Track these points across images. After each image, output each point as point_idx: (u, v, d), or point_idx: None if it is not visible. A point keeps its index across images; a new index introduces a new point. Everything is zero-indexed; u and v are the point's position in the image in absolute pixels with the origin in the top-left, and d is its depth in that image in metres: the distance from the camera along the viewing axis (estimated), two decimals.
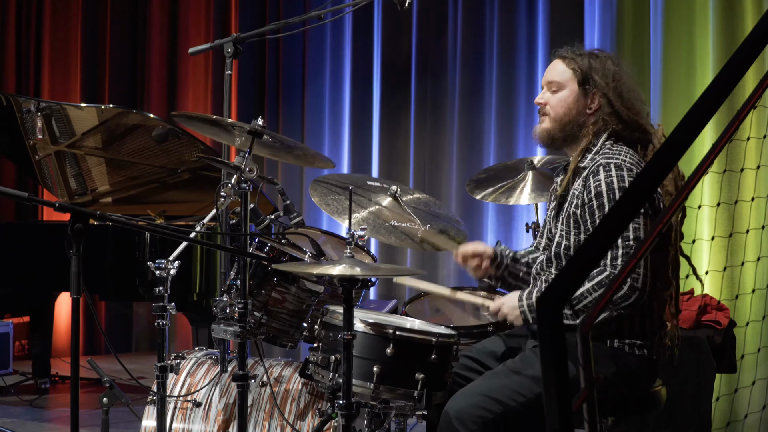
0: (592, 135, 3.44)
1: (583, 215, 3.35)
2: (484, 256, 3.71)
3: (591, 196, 3.31)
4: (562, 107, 3.49)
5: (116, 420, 5.91)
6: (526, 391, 3.25)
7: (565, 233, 3.44)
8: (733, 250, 5.02)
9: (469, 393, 3.28)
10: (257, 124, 3.68)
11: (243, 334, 3.65)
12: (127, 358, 8.38)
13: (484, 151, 6.96)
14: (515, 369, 3.35)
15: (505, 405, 3.23)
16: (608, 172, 3.29)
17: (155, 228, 3.72)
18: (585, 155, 3.43)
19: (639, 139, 3.43)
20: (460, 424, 3.19)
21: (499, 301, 3.51)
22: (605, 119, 3.43)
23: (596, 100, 3.44)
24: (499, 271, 3.72)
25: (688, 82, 5.37)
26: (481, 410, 3.20)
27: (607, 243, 1.89)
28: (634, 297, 3.20)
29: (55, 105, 6.38)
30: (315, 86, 8.23)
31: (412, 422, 3.50)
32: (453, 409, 3.23)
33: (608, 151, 3.38)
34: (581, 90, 3.47)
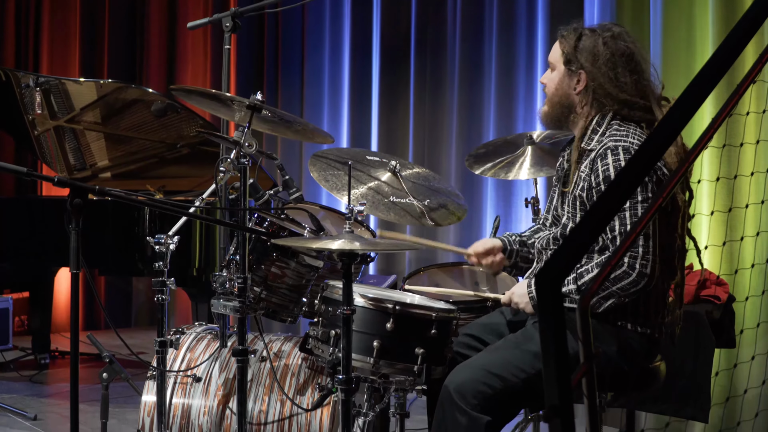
0: (592, 116, 3.43)
1: (590, 198, 3.34)
2: (495, 251, 3.71)
3: (599, 180, 3.29)
4: (552, 86, 3.52)
5: (116, 395, 5.94)
6: (528, 366, 3.25)
7: (571, 215, 3.44)
8: (733, 225, 5.01)
9: (471, 367, 3.28)
10: (256, 98, 3.67)
11: (242, 309, 3.65)
12: (126, 333, 8.40)
13: (483, 125, 6.94)
14: (517, 344, 3.36)
15: (506, 381, 3.23)
16: (616, 156, 3.27)
17: (155, 203, 3.72)
18: (591, 136, 3.41)
19: (642, 118, 3.40)
20: (461, 398, 3.19)
21: (509, 293, 3.52)
22: (600, 101, 3.41)
23: (582, 81, 3.43)
24: (511, 260, 3.74)
25: (688, 56, 5.35)
26: (482, 385, 3.21)
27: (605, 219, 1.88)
28: (642, 283, 3.19)
29: (53, 80, 6.37)
30: (314, 61, 8.21)
31: (412, 397, 3.51)
32: (454, 383, 3.24)
33: (616, 132, 3.36)
34: (567, 70, 3.47)
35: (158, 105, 6.16)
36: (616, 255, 1.94)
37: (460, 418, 3.19)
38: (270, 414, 3.89)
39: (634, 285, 3.19)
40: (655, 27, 5.52)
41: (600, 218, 1.86)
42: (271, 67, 8.55)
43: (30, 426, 5.41)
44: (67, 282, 7.90)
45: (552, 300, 1.79)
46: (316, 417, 3.85)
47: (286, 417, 3.87)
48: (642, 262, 3.17)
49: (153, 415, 3.93)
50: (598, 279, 1.92)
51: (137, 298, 9.33)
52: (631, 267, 3.18)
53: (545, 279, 1.80)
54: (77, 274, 3.02)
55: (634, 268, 3.18)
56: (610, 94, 3.38)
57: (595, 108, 3.42)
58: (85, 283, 8.10)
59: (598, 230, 1.87)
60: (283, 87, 8.44)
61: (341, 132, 7.97)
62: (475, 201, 6.87)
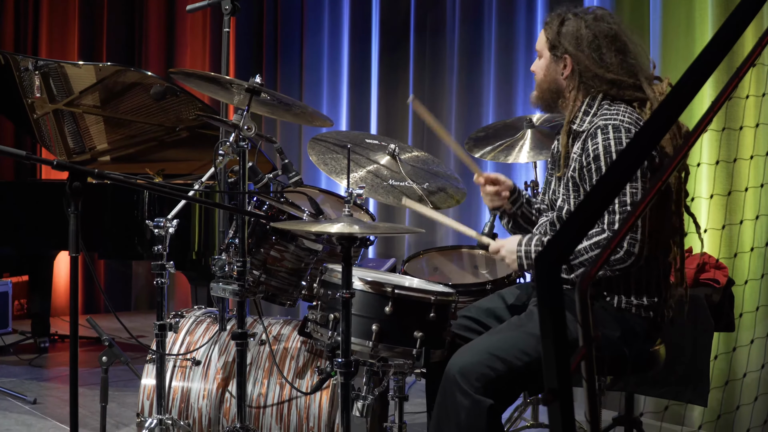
0: (582, 98, 3.44)
1: (582, 178, 3.35)
2: (504, 185, 3.72)
3: (589, 159, 3.30)
4: (540, 74, 3.56)
5: (115, 378, 5.95)
6: (532, 350, 3.25)
7: (566, 197, 3.45)
8: (732, 209, 5.01)
9: (474, 350, 3.28)
10: (255, 81, 3.66)
11: (242, 292, 3.66)
12: (126, 316, 8.41)
13: (482, 109, 6.93)
14: (520, 327, 3.36)
15: (510, 364, 3.23)
16: (606, 134, 3.28)
17: (154, 186, 3.72)
18: (583, 118, 3.42)
19: (632, 97, 3.40)
20: (464, 380, 3.19)
21: (499, 242, 3.52)
22: (587, 83, 3.42)
23: (568, 65, 3.45)
24: (513, 208, 3.74)
25: (688, 39, 5.34)
26: (486, 368, 3.21)
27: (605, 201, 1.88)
28: (630, 261, 3.22)
29: (52, 63, 6.36)
30: (313, 43, 8.19)
31: (411, 380, 3.52)
32: (457, 365, 3.24)
33: (606, 111, 3.37)
34: (552, 56, 3.50)
35: (157, 88, 6.15)
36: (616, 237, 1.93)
37: (463, 400, 3.19)
38: (269, 397, 3.89)
39: (621, 262, 3.22)
40: (654, 10, 5.51)
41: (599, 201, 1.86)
42: (270, 50, 8.54)
43: (29, 409, 5.42)
44: (67, 266, 7.91)
45: (551, 284, 1.79)
46: (315, 400, 3.85)
47: (286, 400, 3.88)
48: (630, 241, 3.19)
49: (152, 399, 3.94)
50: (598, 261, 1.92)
51: (137, 281, 9.34)
52: (619, 245, 3.19)
53: (544, 262, 1.80)
54: (76, 258, 3.02)
55: (622, 246, 3.20)
56: (597, 75, 3.40)
57: (583, 91, 3.44)
58: (85, 267, 8.11)
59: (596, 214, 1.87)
60: (282, 70, 8.43)
61: (340, 115, 7.97)
62: (474, 184, 6.81)
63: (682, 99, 1.95)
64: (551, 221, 3.53)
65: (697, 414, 5.18)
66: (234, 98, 3.91)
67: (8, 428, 5.04)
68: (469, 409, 3.19)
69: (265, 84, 3.73)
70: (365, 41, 7.81)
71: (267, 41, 8.55)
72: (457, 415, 3.21)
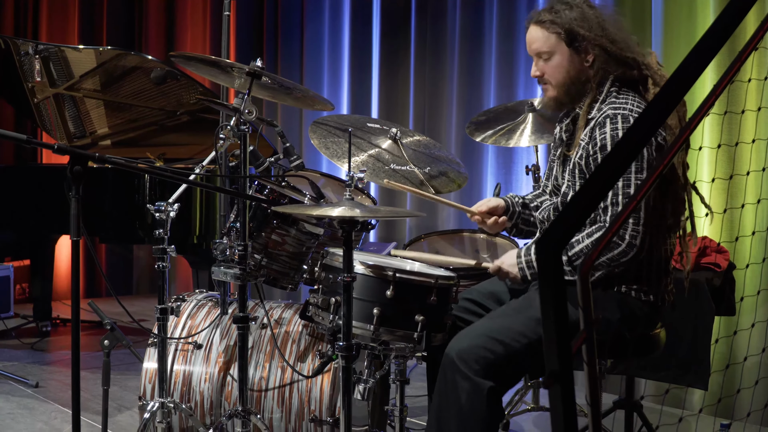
0: (596, 86, 3.41)
1: (587, 166, 3.33)
2: (498, 212, 3.71)
3: (596, 148, 3.28)
4: (560, 73, 3.44)
5: (117, 362, 5.97)
6: (530, 332, 3.25)
7: (571, 184, 3.44)
8: (733, 193, 5.01)
9: (473, 333, 3.28)
10: (256, 65, 3.66)
11: (243, 276, 3.66)
12: (127, 300, 8.43)
13: (484, 93, 6.92)
14: (519, 310, 3.36)
15: (509, 346, 3.23)
16: (614, 124, 3.26)
17: (155, 170, 3.71)
18: (592, 105, 3.40)
19: (639, 77, 3.38)
20: (463, 363, 3.20)
21: (498, 261, 3.52)
22: (604, 68, 3.39)
23: (591, 52, 3.39)
24: (512, 221, 3.74)
25: (690, 24, 5.33)
26: (485, 351, 3.21)
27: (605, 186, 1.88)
28: (632, 254, 3.20)
29: (53, 47, 6.35)
30: (314, 27, 8.18)
31: (412, 364, 3.52)
32: (456, 349, 3.24)
33: (614, 99, 3.34)
34: (572, 50, 3.40)
35: (158, 72, 6.15)
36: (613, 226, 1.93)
37: (463, 383, 3.20)
38: (271, 381, 3.90)
39: (623, 255, 3.20)
40: None
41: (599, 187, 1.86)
42: (271, 33, 8.53)
43: (31, 393, 5.43)
44: (68, 249, 7.91)
45: (552, 268, 1.79)
46: (317, 384, 3.86)
47: (287, 384, 3.88)
48: (632, 233, 3.18)
49: (154, 382, 3.95)
50: (598, 247, 1.92)
51: (138, 265, 9.35)
52: (621, 238, 3.19)
53: (545, 247, 1.80)
54: (78, 242, 3.02)
55: (624, 239, 3.19)
56: (615, 57, 3.36)
57: (600, 74, 3.40)
58: (86, 251, 8.11)
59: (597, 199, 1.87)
60: (282, 53, 8.42)
61: (341, 99, 7.96)
62: (475, 168, 6.86)
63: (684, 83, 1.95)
64: (554, 206, 3.52)
65: (698, 397, 5.19)
66: (235, 82, 3.90)
67: (10, 412, 5.06)
68: (469, 391, 3.19)
69: (265, 67, 3.72)
70: (366, 24, 7.79)
71: (267, 25, 8.53)
72: (457, 397, 3.22)
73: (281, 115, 8.37)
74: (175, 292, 6.90)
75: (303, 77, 8.20)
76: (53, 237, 7.02)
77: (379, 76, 7.71)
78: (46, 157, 8.49)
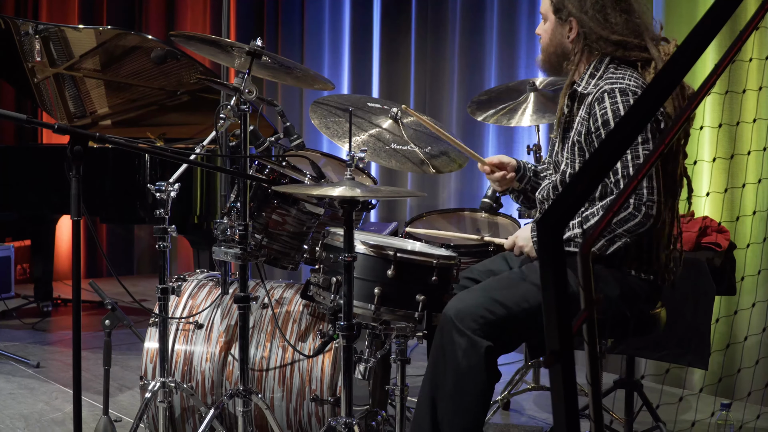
0: (587, 61, 3.41)
1: (588, 143, 3.32)
2: (509, 168, 3.73)
3: (598, 124, 3.27)
4: (545, 37, 3.52)
5: (118, 342, 5.98)
6: (532, 298, 3.24)
7: (570, 161, 3.42)
8: (734, 172, 5.01)
9: (474, 294, 3.27)
10: (256, 44, 3.65)
11: (244, 256, 3.66)
12: (128, 280, 8.44)
13: (485, 72, 6.90)
14: (523, 276, 3.35)
15: (509, 309, 3.22)
16: (613, 98, 3.25)
17: (155, 150, 3.70)
18: (589, 80, 3.39)
19: (638, 57, 3.37)
20: (461, 321, 3.18)
21: (512, 237, 3.51)
22: (592, 45, 3.39)
23: (573, 27, 3.41)
24: (521, 184, 3.75)
25: (691, 2, 5.32)
26: (484, 311, 3.20)
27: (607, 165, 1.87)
28: (649, 224, 3.18)
29: (53, 27, 6.34)
30: (314, 6, 8.16)
31: (413, 343, 3.52)
32: (454, 308, 3.22)
33: (612, 75, 3.33)
34: (557, 19, 3.45)
35: (158, 52, 6.12)
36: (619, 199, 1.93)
37: (459, 339, 3.19)
38: (272, 360, 3.90)
39: (641, 226, 3.18)
40: None
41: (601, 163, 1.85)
42: (272, 12, 8.51)
43: (32, 373, 5.45)
44: (69, 230, 7.92)
45: (553, 246, 1.79)
46: (318, 363, 3.86)
47: (288, 363, 3.89)
48: (648, 203, 3.16)
49: (155, 362, 3.95)
50: (601, 223, 1.91)
51: (139, 245, 9.36)
52: (637, 209, 3.17)
53: (546, 225, 1.79)
54: (78, 222, 3.02)
55: (640, 210, 3.17)
56: (602, 37, 3.36)
57: (587, 53, 3.41)
58: (87, 231, 8.12)
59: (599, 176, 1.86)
60: (283, 32, 8.40)
61: (342, 79, 7.94)
62: (476, 148, 6.85)
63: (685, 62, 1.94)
64: (554, 185, 3.51)
65: (698, 377, 5.20)
66: (235, 61, 3.90)
67: (11, 392, 5.07)
68: (466, 349, 3.18)
69: (266, 47, 3.71)
70: (367, 4, 7.77)
71: (268, 3, 8.51)
72: (453, 354, 3.21)
73: (282, 94, 8.36)
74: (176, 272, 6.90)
75: (303, 56, 8.18)
76: (54, 217, 7.03)
77: (380, 56, 7.69)
78: (46, 137, 8.49)
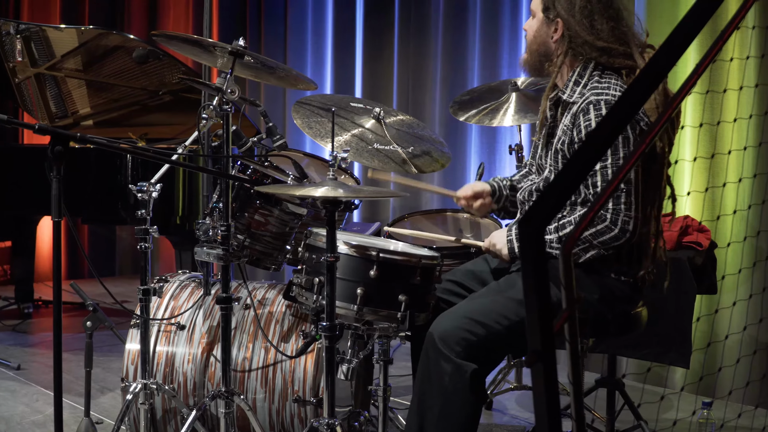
0: (570, 65, 3.41)
1: (571, 153, 3.32)
2: (484, 195, 3.73)
3: (581, 135, 3.26)
4: (531, 34, 3.52)
5: (100, 343, 5.96)
6: (512, 314, 3.25)
7: (553, 168, 3.43)
8: (715, 172, 5.02)
9: (454, 315, 3.28)
10: (238, 44, 3.64)
11: (226, 256, 3.65)
12: (110, 281, 8.42)
13: (467, 72, 6.91)
14: (500, 291, 3.36)
15: (490, 328, 3.23)
16: (598, 110, 3.24)
17: (137, 150, 3.70)
18: (574, 88, 3.38)
19: (623, 65, 3.37)
20: (445, 345, 3.20)
21: (488, 239, 3.52)
22: (576, 50, 3.38)
23: (558, 28, 3.40)
24: (499, 204, 3.75)
25: (672, 3, 5.33)
26: (466, 332, 3.21)
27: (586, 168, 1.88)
28: (624, 239, 3.20)
29: (34, 27, 6.32)
30: (297, 6, 8.15)
31: (396, 344, 3.52)
32: (437, 330, 3.24)
33: (597, 84, 3.32)
34: (545, 18, 3.45)
35: (140, 51, 6.11)
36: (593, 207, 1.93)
37: (445, 365, 3.20)
38: (254, 361, 3.90)
39: (616, 240, 3.20)
40: None
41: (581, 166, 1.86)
42: (254, 11, 8.50)
43: (13, 375, 5.43)
44: (50, 230, 7.88)
45: (535, 247, 1.79)
46: (300, 364, 3.86)
47: (270, 364, 3.88)
48: (624, 219, 3.18)
49: (137, 363, 3.94)
50: (580, 227, 1.92)
51: (120, 246, 9.33)
52: (614, 222, 3.18)
53: (528, 226, 1.80)
54: (59, 223, 3.01)
55: (617, 224, 3.18)
56: (587, 42, 3.34)
57: (571, 57, 3.40)
58: (68, 232, 8.09)
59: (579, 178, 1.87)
60: (266, 32, 8.39)
61: (325, 79, 7.94)
62: (459, 148, 6.87)
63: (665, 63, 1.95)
64: (536, 187, 3.51)
65: (680, 376, 5.22)
66: (217, 61, 3.89)
67: None
68: (452, 374, 3.19)
69: (248, 47, 3.71)
70: (350, 3, 7.77)
71: (251, 3, 8.50)
72: (440, 379, 3.22)
73: (264, 94, 8.35)
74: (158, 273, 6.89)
75: (287, 56, 8.18)
76: (35, 218, 7.00)
77: (363, 56, 7.69)
78: (27, 138, 8.45)
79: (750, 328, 4.67)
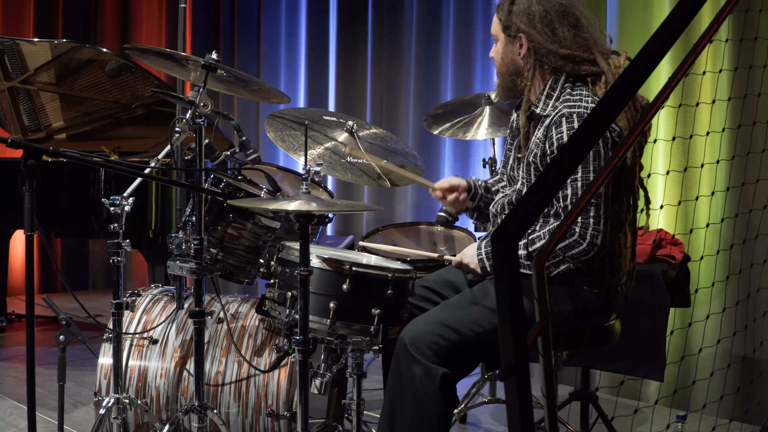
0: (541, 78, 3.42)
1: (544, 165, 3.33)
2: (460, 189, 3.73)
3: (554, 148, 3.27)
4: (498, 58, 3.52)
5: (73, 358, 5.92)
6: (485, 322, 3.25)
7: (526, 181, 3.44)
8: (688, 185, 5.04)
9: (426, 320, 3.28)
10: (211, 57, 3.64)
11: (199, 270, 3.64)
12: (83, 295, 8.38)
13: (441, 85, 6.92)
14: (474, 300, 3.36)
15: (462, 334, 3.23)
16: (570, 123, 3.25)
17: (110, 164, 3.68)
18: (546, 101, 3.39)
19: (589, 72, 3.38)
20: (416, 349, 3.19)
21: (460, 255, 3.52)
22: (542, 60, 3.39)
23: (523, 43, 3.41)
24: (474, 203, 3.75)
25: (645, 15, 5.36)
26: (437, 337, 3.20)
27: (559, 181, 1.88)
28: (593, 252, 3.21)
29: (7, 40, 6.29)
30: (271, 19, 8.15)
31: (369, 357, 3.52)
32: (409, 335, 3.23)
33: (569, 96, 3.33)
34: (506, 37, 3.46)
35: (113, 65, 6.10)
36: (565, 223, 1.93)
37: (416, 368, 3.19)
38: (227, 375, 3.88)
39: (585, 254, 3.21)
40: None
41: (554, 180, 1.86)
42: (227, 25, 8.49)
43: None
44: (22, 244, 7.84)
45: (508, 260, 1.79)
46: (274, 378, 3.85)
47: (244, 378, 3.87)
48: (593, 233, 3.19)
49: (110, 378, 3.92)
50: (551, 242, 1.92)
51: (94, 260, 9.29)
52: (582, 237, 3.19)
53: (500, 239, 1.80)
54: (32, 236, 2.99)
55: (585, 238, 3.19)
56: (551, 51, 3.36)
57: (539, 69, 3.41)
58: (41, 246, 8.03)
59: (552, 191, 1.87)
60: (239, 46, 8.39)
61: (298, 92, 7.94)
62: (432, 161, 6.87)
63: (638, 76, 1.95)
64: (509, 201, 3.52)
65: (654, 389, 5.23)
66: (190, 75, 3.88)
67: None
68: (422, 377, 3.18)
69: (221, 60, 3.70)
70: (323, 16, 7.78)
71: (224, 17, 8.50)
72: (411, 382, 3.20)
73: (238, 108, 8.34)
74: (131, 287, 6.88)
75: (260, 70, 8.17)
76: (8, 231, 6.95)
77: (336, 69, 7.69)
78: (0, 152, 8.40)
79: (724, 342, 4.69)
